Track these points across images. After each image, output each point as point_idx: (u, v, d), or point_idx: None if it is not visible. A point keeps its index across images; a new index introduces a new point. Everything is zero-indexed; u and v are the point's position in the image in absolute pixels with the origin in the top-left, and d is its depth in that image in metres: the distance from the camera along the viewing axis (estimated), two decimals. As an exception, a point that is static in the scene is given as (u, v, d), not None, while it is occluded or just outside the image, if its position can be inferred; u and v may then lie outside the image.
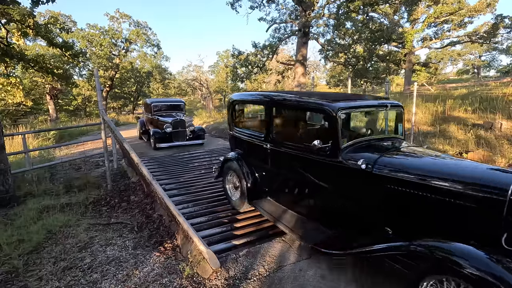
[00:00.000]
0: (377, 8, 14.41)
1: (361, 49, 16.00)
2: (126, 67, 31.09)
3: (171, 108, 10.64)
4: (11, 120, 24.57)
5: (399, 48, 22.19)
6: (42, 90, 25.05)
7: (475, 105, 10.04)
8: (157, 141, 8.91)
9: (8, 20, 6.96)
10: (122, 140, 4.63)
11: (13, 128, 16.04)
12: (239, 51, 14.75)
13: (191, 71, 45.66)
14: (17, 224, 3.95)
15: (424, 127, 9.09)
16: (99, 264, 3.02)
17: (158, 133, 9.02)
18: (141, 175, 4.35)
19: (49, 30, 8.15)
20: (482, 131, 7.64)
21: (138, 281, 2.70)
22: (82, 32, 26.28)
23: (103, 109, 5.42)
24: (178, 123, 9.24)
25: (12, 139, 9.51)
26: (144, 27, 29.27)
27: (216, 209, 4.25)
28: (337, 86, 37.21)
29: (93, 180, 6.06)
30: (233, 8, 12.58)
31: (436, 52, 34.34)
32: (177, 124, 9.20)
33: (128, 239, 3.59)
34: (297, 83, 12.43)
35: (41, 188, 5.43)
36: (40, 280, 2.78)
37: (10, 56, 7.28)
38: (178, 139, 9.26)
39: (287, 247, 3.12)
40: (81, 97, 30.87)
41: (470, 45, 34.46)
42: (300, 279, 2.59)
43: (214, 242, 3.31)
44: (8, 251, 3.23)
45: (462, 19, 19.50)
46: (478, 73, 44.93)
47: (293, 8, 13.58)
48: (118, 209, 4.66)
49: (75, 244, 3.46)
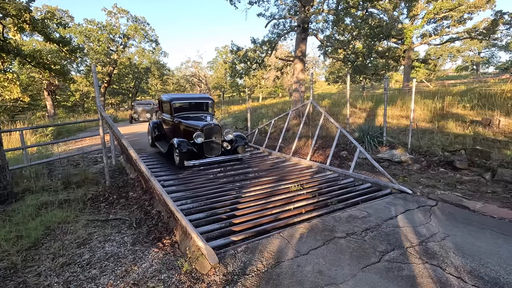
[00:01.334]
0: (376, 4, 14.33)
1: (360, 45, 15.95)
2: (124, 62, 30.92)
3: (196, 107, 8.01)
4: (9, 116, 24.45)
5: (398, 44, 22.12)
6: (39, 86, 24.91)
7: (473, 102, 10.05)
8: (185, 156, 6.24)
9: (4, 14, 6.90)
10: (120, 136, 4.62)
11: (10, 124, 15.97)
12: (238, 47, 14.66)
13: (190, 67, 45.45)
14: (16, 220, 3.94)
15: (423, 123, 9.10)
16: (98, 260, 3.03)
17: (185, 145, 6.27)
18: (140, 171, 4.35)
19: (46, 25, 8.07)
20: (480, 128, 7.66)
21: (137, 277, 2.71)
22: (80, 27, 26.08)
23: (101, 105, 5.39)
24: (212, 130, 6.59)
25: (10, 135, 9.47)
26: (142, 22, 29.07)
27: (215, 206, 4.26)
28: (336, 83, 37.10)
29: (92, 177, 6.06)
30: (231, 3, 12.46)
31: (435, 48, 34.34)
32: (210, 132, 6.57)
33: (127, 235, 3.60)
34: (296, 79, 12.38)
35: (39, 185, 5.43)
36: (39, 276, 2.79)
37: (7, 51, 7.23)
38: (211, 152, 6.66)
39: (285, 243, 3.14)
40: (79, 93, 30.74)
41: (470, 42, 34.48)
42: (298, 274, 2.60)
43: (213, 238, 3.31)
44: (7, 247, 3.23)
45: (461, 15, 19.42)
46: (477, 69, 44.95)
47: (292, 4, 13.48)
48: (117, 205, 4.66)
49: (74, 240, 3.46)
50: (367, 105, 12.68)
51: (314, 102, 7.41)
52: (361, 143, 7.57)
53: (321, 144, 8.25)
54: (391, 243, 3.10)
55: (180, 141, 6.33)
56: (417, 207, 4.09)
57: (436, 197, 4.48)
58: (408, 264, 2.73)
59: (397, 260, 2.80)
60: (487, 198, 4.54)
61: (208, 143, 6.57)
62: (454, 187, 5.05)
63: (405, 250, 2.98)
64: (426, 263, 2.74)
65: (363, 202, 4.34)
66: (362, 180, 5.33)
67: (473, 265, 2.71)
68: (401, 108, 11.20)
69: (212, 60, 48.54)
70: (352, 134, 7.88)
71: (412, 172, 6.03)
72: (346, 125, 8.78)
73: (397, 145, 7.46)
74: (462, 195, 4.60)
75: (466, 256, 2.85)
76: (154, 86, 43.77)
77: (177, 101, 7.64)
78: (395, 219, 3.70)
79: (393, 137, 8.03)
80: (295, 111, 10.45)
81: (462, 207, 4.11)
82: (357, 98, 15.26)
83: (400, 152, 6.72)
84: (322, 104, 15.52)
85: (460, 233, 3.31)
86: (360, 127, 8.46)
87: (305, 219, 3.83)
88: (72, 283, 2.66)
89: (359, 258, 2.84)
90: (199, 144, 6.45)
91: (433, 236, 3.26)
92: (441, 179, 5.44)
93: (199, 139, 6.39)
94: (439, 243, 3.10)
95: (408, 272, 2.60)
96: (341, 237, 3.24)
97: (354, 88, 33.26)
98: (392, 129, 8.93)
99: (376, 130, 8.04)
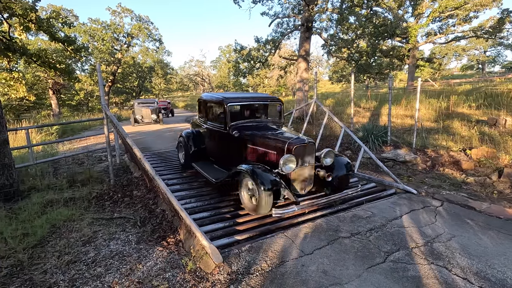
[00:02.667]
0: (381, 2, 14.24)
1: (364, 44, 15.85)
2: (128, 61, 31.07)
3: (260, 112, 5.45)
4: (14, 115, 24.68)
5: (403, 43, 21.95)
6: (44, 85, 25.11)
7: (479, 101, 9.95)
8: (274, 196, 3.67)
9: (10, 14, 6.96)
10: (125, 135, 4.63)
11: (16, 123, 16.12)
12: (241, 46, 14.66)
13: (193, 66, 45.55)
14: (22, 218, 3.98)
15: (428, 123, 9.03)
16: (103, 258, 3.05)
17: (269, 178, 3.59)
18: (144, 170, 4.36)
19: (51, 24, 8.12)
20: (486, 128, 7.58)
21: (142, 275, 2.72)
22: (84, 26, 26.24)
23: (105, 104, 5.42)
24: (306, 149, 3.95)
25: (16, 133, 9.56)
26: (146, 22, 29.17)
27: (219, 205, 4.26)
28: (340, 82, 36.93)
29: (96, 175, 6.09)
30: (235, 2, 12.44)
31: (441, 47, 33.99)
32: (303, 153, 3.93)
33: (131, 234, 3.62)
34: (300, 78, 12.34)
35: (45, 183, 5.47)
36: (44, 273, 2.81)
37: (13, 50, 7.29)
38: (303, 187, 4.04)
39: (290, 243, 3.13)
40: (84, 92, 30.94)
41: (475, 40, 34.07)
42: (303, 274, 2.60)
43: (217, 237, 3.32)
44: (13, 245, 3.26)
45: (467, 14, 19.21)
46: (482, 68, 44.48)
47: (296, 2, 13.43)
48: (121, 204, 4.68)
49: (79, 238, 3.49)
50: (371, 105, 12.61)
51: (318, 101, 7.38)
52: (365, 143, 7.53)
53: (325, 143, 8.22)
54: (396, 244, 3.08)
55: (258, 169, 3.68)
56: (422, 207, 4.06)
57: (442, 197, 4.45)
58: (413, 265, 2.71)
59: (403, 260, 2.78)
60: (493, 198, 4.49)
61: (300, 173, 3.95)
62: (459, 187, 5.00)
63: (410, 250, 2.96)
64: (431, 264, 2.72)
65: (367, 202, 4.32)
66: (367, 180, 5.30)
67: (479, 266, 2.68)
68: (405, 107, 11.12)
69: (216, 59, 48.64)
70: (356, 133, 7.84)
71: (417, 172, 5.98)
72: (350, 125, 8.73)
73: (402, 144, 7.41)
74: (468, 195, 4.56)
75: (472, 257, 2.82)
76: (158, 85, 43.95)
77: (234, 103, 4.92)
78: (400, 219, 3.68)
79: (398, 137, 7.98)
80: (298, 110, 10.42)
81: (468, 207, 4.07)
82: (361, 97, 15.18)
83: (405, 152, 6.67)
84: (325, 103, 15.47)
85: (466, 234, 3.28)
86: (364, 127, 8.41)
87: (309, 218, 3.83)
88: (78, 281, 2.68)
89: (364, 258, 2.82)
90: (285, 175, 3.79)
91: (438, 236, 3.24)
92: (447, 179, 5.39)
93: (290, 166, 3.70)
94: (445, 244, 3.07)
95: (413, 273, 2.59)
96: (346, 237, 3.23)
97: (358, 87, 33.11)
98: (397, 129, 8.87)
99: (380, 130, 7.99)
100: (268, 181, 3.54)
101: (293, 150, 3.80)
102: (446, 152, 6.52)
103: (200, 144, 5.79)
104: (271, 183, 3.54)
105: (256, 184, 3.58)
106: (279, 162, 3.69)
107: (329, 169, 4.21)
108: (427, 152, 6.78)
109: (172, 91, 56.40)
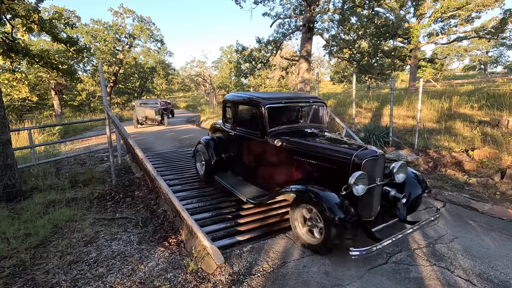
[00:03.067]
0: (382, 2, 14.23)
1: (366, 45, 15.84)
2: (130, 62, 31.16)
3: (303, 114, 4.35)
4: (17, 116, 24.80)
5: (404, 44, 21.90)
6: (47, 86, 25.20)
7: (481, 102, 9.91)
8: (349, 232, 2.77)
9: (13, 15, 6.99)
10: (127, 135, 4.65)
11: (18, 123, 16.20)
12: (243, 47, 14.68)
13: (195, 66, 45.63)
14: (24, 218, 4.00)
15: (430, 124, 9.00)
16: (105, 259, 3.05)
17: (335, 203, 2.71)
18: (146, 170, 4.37)
19: (53, 25, 8.15)
20: (489, 128, 7.55)
21: (143, 275, 2.72)
22: (86, 27, 26.34)
23: (107, 105, 5.44)
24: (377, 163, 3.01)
25: (18, 134, 9.60)
26: (147, 22, 29.24)
27: (220, 205, 4.27)
28: (341, 82, 36.89)
29: (98, 175, 6.11)
30: (237, 3, 12.46)
31: (442, 47, 33.89)
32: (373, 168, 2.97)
33: (133, 234, 3.62)
34: (301, 79, 12.34)
35: (47, 183, 5.49)
36: (47, 273, 2.82)
37: (15, 51, 7.32)
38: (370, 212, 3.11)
39: (291, 244, 3.13)
40: (86, 93, 31.02)
41: (477, 41, 33.97)
42: (304, 275, 2.59)
43: (218, 237, 3.32)
44: (16, 245, 3.27)
45: (469, 14, 19.14)
46: (485, 69, 44.28)
47: (298, 3, 13.44)
48: (123, 204, 4.69)
49: (81, 238, 3.50)
50: (372, 105, 12.58)
51: (319, 102, 7.36)
52: (367, 143, 7.50)
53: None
54: (398, 245, 3.07)
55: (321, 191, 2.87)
56: (424, 208, 4.05)
57: (444, 198, 4.43)
58: (415, 266, 2.70)
59: (405, 261, 2.77)
60: (496, 199, 4.47)
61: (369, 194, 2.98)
62: (462, 188, 4.98)
63: (412, 251, 2.95)
64: (434, 265, 2.71)
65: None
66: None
67: (482, 267, 2.67)
68: (407, 108, 11.10)
69: (217, 59, 48.68)
70: (358, 134, 7.83)
71: (418, 172, 5.96)
72: (352, 125, 8.72)
73: (404, 145, 7.39)
74: (470, 196, 4.54)
75: (474, 259, 2.81)
76: (159, 85, 44.03)
77: (275, 104, 3.91)
78: (402, 220, 3.66)
79: (399, 138, 7.96)
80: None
81: (470, 208, 4.05)
82: (363, 97, 15.16)
83: (407, 153, 6.66)
84: (327, 103, 15.45)
85: (468, 235, 3.27)
86: (366, 127, 8.40)
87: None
88: (80, 281, 2.68)
89: (366, 259, 2.81)
90: (354, 198, 2.84)
91: (441, 238, 3.22)
92: (449, 180, 5.37)
93: (361, 187, 2.80)
94: (447, 245, 3.06)
95: (415, 274, 2.58)
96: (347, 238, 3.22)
97: (359, 87, 33.05)
98: (398, 129, 8.84)
99: (382, 130, 7.97)
100: (339, 210, 2.65)
101: (362, 165, 2.85)
102: (448, 153, 6.50)
103: (225, 154, 4.93)
104: (345, 212, 2.65)
105: (321, 213, 2.74)
106: (349, 181, 2.74)
107: (400, 186, 3.28)
108: (429, 153, 6.76)
109: (173, 92, 56.52)
